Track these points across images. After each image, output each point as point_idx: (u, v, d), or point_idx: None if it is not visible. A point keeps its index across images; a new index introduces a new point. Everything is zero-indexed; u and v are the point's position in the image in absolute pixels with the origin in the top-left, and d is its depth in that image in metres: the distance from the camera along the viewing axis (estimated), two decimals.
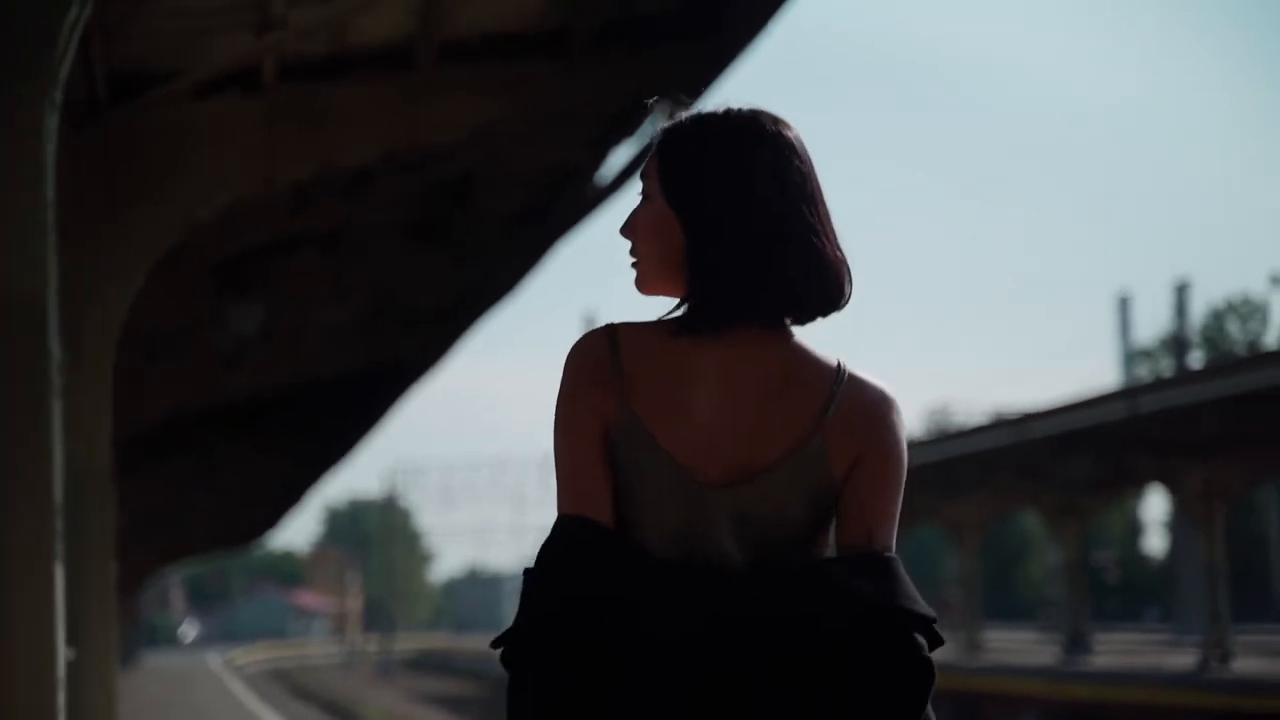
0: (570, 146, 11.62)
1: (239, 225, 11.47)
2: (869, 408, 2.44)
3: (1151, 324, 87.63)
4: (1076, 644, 30.84)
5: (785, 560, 2.38)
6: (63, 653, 5.15)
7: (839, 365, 2.46)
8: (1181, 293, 50.05)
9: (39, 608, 5.05)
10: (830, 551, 2.45)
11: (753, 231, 2.41)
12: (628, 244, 2.52)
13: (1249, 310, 71.66)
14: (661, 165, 2.51)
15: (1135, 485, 33.49)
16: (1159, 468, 26.99)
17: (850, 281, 2.47)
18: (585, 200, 12.96)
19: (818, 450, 2.40)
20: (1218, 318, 68.01)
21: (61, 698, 5.10)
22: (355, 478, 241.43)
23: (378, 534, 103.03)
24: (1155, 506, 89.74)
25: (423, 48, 9.49)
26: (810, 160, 2.49)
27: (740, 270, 2.41)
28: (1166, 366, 66.73)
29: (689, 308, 2.45)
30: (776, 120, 2.50)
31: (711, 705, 2.30)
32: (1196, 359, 55.68)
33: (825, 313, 2.47)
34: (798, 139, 2.50)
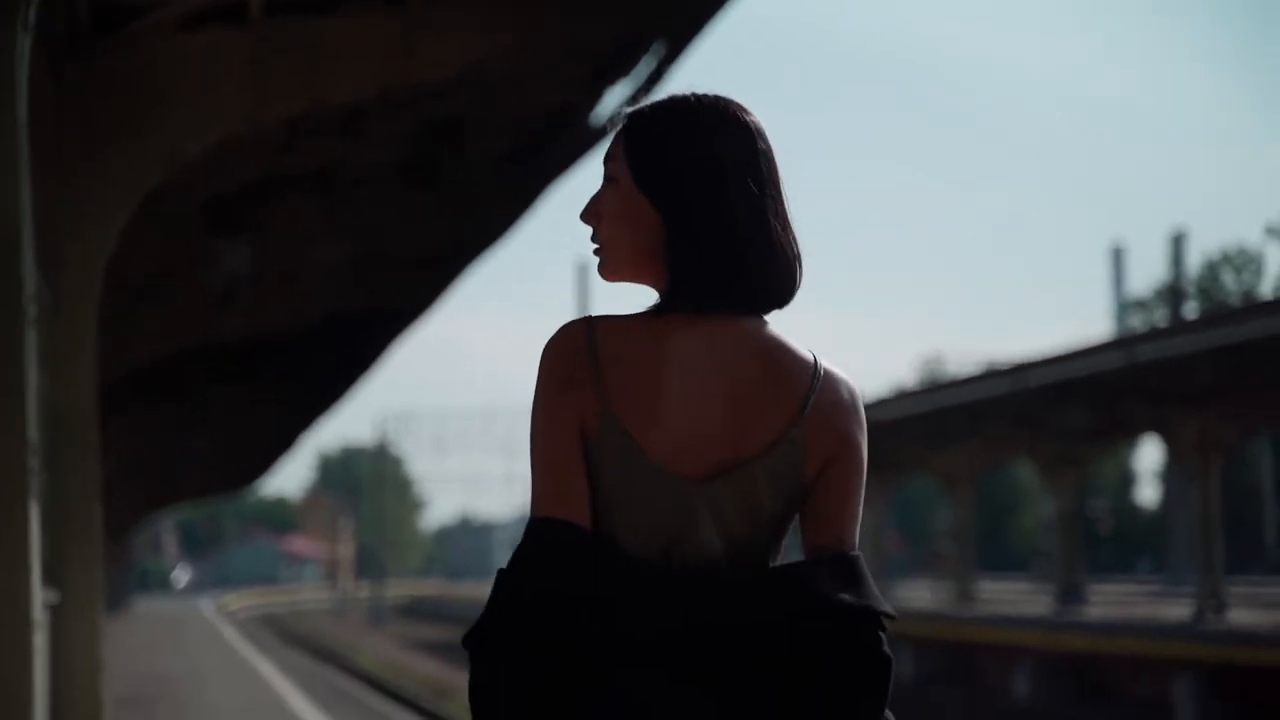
0: (565, 85, 11.40)
1: (229, 162, 11.26)
2: (843, 406, 2.44)
3: (1145, 276, 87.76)
4: (1071, 594, 30.75)
5: (759, 556, 2.40)
6: (39, 594, 4.97)
7: (815, 360, 2.44)
8: (1178, 243, 49.87)
9: (14, 548, 4.87)
10: (785, 546, 2.46)
11: (726, 217, 2.39)
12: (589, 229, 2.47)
13: (1244, 261, 71.46)
14: (630, 148, 2.45)
15: (1131, 435, 33.32)
16: (1154, 417, 26.87)
17: (801, 273, 2.46)
18: (579, 142, 12.75)
19: (797, 446, 2.40)
20: (1213, 269, 67.89)
21: (39, 640, 4.93)
22: (348, 425, 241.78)
23: (369, 481, 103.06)
24: (1148, 457, 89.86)
25: None
26: (772, 148, 2.46)
27: (715, 256, 2.38)
28: (1161, 317, 66.60)
29: (666, 294, 2.42)
30: (743, 108, 2.46)
31: (689, 705, 2.31)
32: (1191, 310, 55.50)
33: (781, 304, 2.45)
34: (762, 126, 2.46)
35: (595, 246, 2.48)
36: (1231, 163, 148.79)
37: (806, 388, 2.41)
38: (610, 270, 2.47)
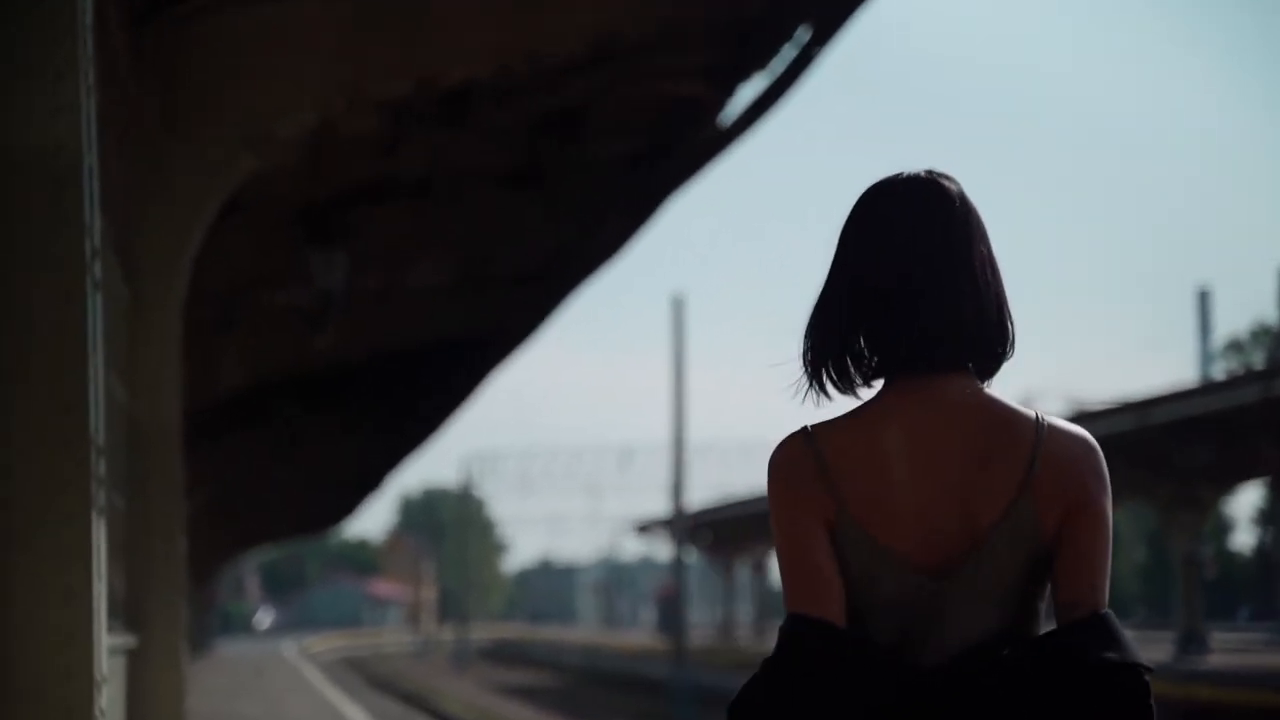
0: (694, 75, 10.29)
1: (324, 164, 10.25)
2: (1073, 459, 2.42)
3: (1229, 320, 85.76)
4: (1191, 642, 29.29)
5: (1012, 628, 2.40)
6: (105, 641, 3.83)
7: (1037, 417, 2.44)
8: None
9: (75, 579, 3.73)
10: (1045, 607, 2.45)
11: (862, 290, 2.45)
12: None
13: None
14: None
15: (1256, 475, 31.83)
16: None
17: (999, 338, 2.47)
18: (705, 146, 11.62)
19: (1028, 513, 2.39)
20: None
21: (102, 699, 3.79)
22: (429, 467, 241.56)
23: (453, 523, 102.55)
24: (1244, 502, 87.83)
25: None
26: (965, 215, 2.50)
27: (823, 331, 2.48)
28: (1258, 359, 64.76)
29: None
30: (929, 179, 2.52)
31: None
32: None
33: (960, 364, 2.44)
34: (944, 191, 2.51)
35: None
36: None
37: (1030, 448, 2.40)
38: None
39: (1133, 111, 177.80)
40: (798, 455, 2.43)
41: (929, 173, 2.53)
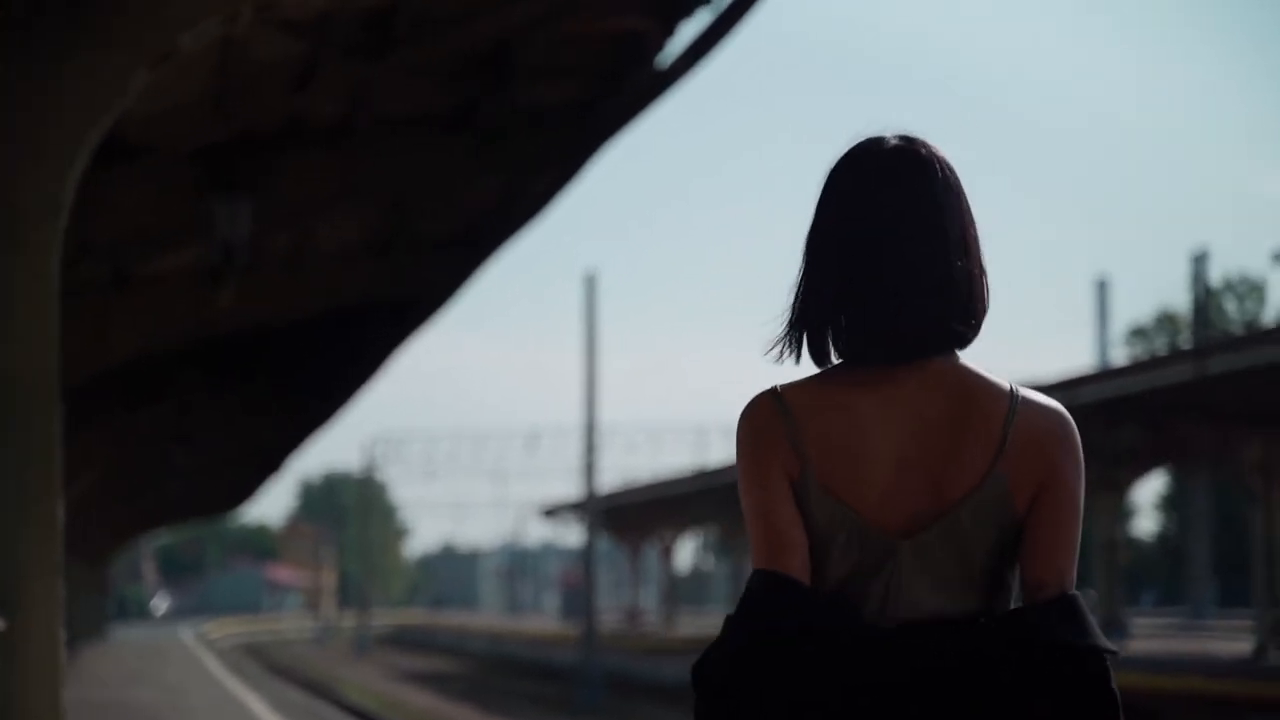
0: (634, 8, 9.43)
1: (231, 98, 9.30)
2: (1047, 434, 2.39)
3: (1130, 309, 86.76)
4: (1112, 627, 28.94)
5: (977, 598, 2.40)
6: None
7: (1011, 390, 2.41)
8: (1199, 262, 47.86)
9: None
10: (1014, 583, 2.43)
11: (836, 269, 2.42)
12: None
13: (1246, 289, 70.42)
14: None
15: (1183, 456, 31.57)
16: (1212, 438, 25.33)
17: (971, 308, 2.42)
18: (643, 89, 10.76)
19: (999, 485, 2.38)
20: (1214, 296, 66.83)
21: None
22: (330, 450, 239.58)
23: (354, 508, 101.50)
24: (1145, 488, 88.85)
25: None
26: (946, 187, 2.43)
27: (816, 313, 2.44)
28: (1162, 345, 65.09)
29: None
30: (898, 151, 2.45)
31: None
32: (1186, 340, 53.65)
33: (938, 345, 2.41)
34: (925, 166, 2.43)
35: None
36: (1218, 192, 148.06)
37: (1003, 421, 2.38)
38: None
39: (1039, 98, 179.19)
40: (765, 413, 2.42)
41: (906, 139, 2.45)
